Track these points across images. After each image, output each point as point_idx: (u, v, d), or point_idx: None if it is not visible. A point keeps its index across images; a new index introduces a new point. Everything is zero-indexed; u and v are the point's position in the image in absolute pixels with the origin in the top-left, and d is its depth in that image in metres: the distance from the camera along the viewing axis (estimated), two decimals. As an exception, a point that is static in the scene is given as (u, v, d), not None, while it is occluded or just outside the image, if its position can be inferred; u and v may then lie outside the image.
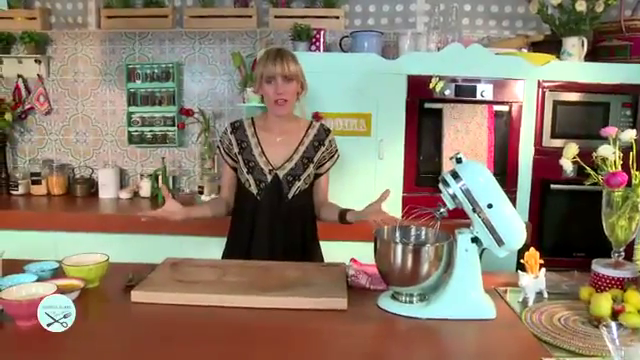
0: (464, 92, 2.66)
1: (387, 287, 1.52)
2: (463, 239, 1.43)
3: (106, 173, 3.33)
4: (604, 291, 1.49)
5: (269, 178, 1.94)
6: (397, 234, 1.55)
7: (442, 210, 1.45)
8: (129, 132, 3.36)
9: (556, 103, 2.70)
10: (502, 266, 2.70)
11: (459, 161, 1.42)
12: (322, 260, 2.08)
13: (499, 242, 1.40)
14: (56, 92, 3.41)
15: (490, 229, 1.40)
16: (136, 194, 3.37)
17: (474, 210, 1.39)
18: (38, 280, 1.56)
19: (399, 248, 1.43)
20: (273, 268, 1.72)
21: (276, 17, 3.24)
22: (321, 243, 2.11)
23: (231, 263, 1.77)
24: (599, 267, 1.55)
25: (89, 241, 2.80)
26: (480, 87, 2.66)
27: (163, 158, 3.33)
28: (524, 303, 1.53)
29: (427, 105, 2.70)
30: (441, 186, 1.44)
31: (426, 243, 1.53)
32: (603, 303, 1.38)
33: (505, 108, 2.70)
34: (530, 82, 2.68)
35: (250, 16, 3.29)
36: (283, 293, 1.49)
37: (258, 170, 1.94)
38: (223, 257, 2.05)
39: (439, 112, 2.68)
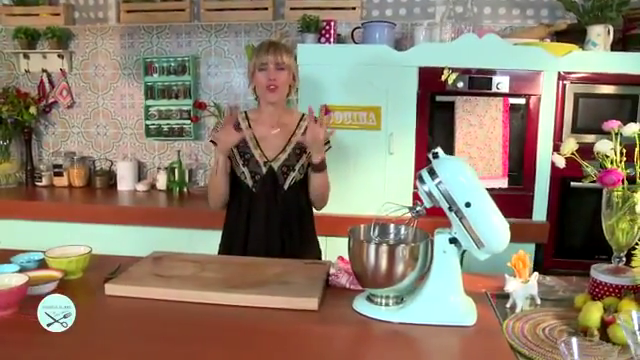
0: (478, 84, 2.53)
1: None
2: (441, 239, 1.34)
3: (124, 166, 3.38)
4: (601, 299, 1.37)
5: (264, 170, 1.94)
6: (374, 232, 1.47)
7: (419, 208, 1.37)
8: (146, 125, 3.39)
9: (578, 96, 2.52)
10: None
11: (435, 156, 1.33)
12: (320, 253, 2.08)
13: (478, 244, 1.30)
14: (78, 86, 3.49)
15: (468, 230, 1.30)
16: (153, 187, 3.41)
17: (450, 209, 1.30)
18: (21, 271, 1.58)
19: (372, 248, 1.35)
20: (253, 265, 1.68)
21: (292, 9, 3.20)
22: (327, 239, 2.06)
23: (213, 259, 1.75)
24: (597, 273, 1.43)
25: (105, 233, 2.86)
26: (495, 79, 2.52)
27: (179, 151, 3.35)
28: (512, 310, 1.43)
29: (439, 98, 2.59)
30: (418, 183, 1.36)
31: (403, 242, 1.45)
32: (592, 313, 1.26)
33: (522, 101, 2.55)
34: (549, 74, 2.52)
35: (266, 8, 3.26)
36: (254, 291, 1.44)
37: (253, 162, 1.94)
38: (220, 250, 2.04)
39: (451, 105, 2.57)
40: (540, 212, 2.59)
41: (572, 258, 2.60)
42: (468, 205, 1.29)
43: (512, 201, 2.59)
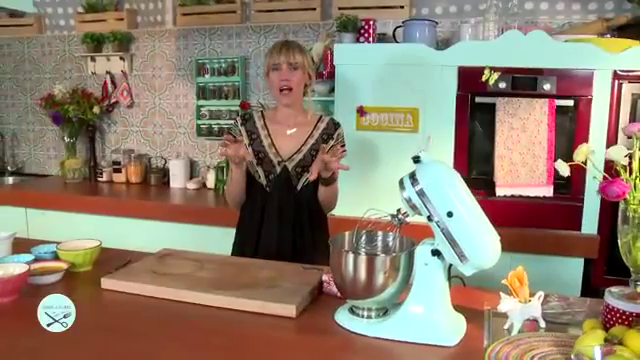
0: (522, 85, 2.34)
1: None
2: (422, 251, 1.25)
3: (176, 164, 3.50)
4: (613, 327, 1.21)
5: (278, 169, 1.94)
6: (358, 240, 1.40)
7: (400, 216, 1.28)
8: (198, 125, 3.49)
9: (636, 97, 2.26)
10: (565, 284, 2.37)
11: (417, 160, 1.24)
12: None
13: (461, 257, 1.20)
14: (138, 87, 3.67)
15: (450, 241, 1.20)
16: (204, 185, 3.50)
17: (430, 218, 1.21)
18: (35, 260, 1.67)
19: (350, 257, 1.28)
20: (250, 266, 1.67)
21: (340, 9, 3.16)
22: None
23: (213, 258, 1.74)
24: (611, 297, 1.26)
25: (154, 228, 2.97)
26: (541, 79, 2.32)
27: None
28: (509, 331, 1.30)
29: (479, 99, 2.43)
30: (399, 189, 1.27)
31: (387, 252, 1.37)
32: (588, 343, 1.11)
33: (570, 103, 2.33)
34: (603, 72, 2.28)
35: (314, 9, 3.25)
36: (235, 293, 1.42)
37: (267, 161, 1.94)
38: (233, 248, 2.06)
39: (492, 107, 2.40)
40: (590, 224, 2.36)
41: (626, 276, 2.34)
42: (450, 215, 1.19)
43: (558, 211, 2.38)
